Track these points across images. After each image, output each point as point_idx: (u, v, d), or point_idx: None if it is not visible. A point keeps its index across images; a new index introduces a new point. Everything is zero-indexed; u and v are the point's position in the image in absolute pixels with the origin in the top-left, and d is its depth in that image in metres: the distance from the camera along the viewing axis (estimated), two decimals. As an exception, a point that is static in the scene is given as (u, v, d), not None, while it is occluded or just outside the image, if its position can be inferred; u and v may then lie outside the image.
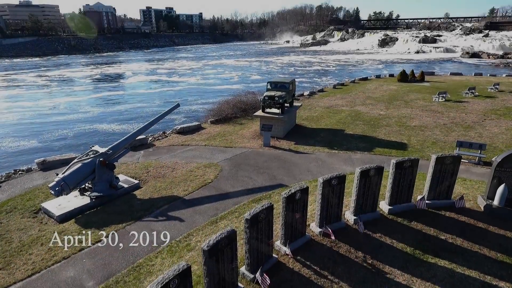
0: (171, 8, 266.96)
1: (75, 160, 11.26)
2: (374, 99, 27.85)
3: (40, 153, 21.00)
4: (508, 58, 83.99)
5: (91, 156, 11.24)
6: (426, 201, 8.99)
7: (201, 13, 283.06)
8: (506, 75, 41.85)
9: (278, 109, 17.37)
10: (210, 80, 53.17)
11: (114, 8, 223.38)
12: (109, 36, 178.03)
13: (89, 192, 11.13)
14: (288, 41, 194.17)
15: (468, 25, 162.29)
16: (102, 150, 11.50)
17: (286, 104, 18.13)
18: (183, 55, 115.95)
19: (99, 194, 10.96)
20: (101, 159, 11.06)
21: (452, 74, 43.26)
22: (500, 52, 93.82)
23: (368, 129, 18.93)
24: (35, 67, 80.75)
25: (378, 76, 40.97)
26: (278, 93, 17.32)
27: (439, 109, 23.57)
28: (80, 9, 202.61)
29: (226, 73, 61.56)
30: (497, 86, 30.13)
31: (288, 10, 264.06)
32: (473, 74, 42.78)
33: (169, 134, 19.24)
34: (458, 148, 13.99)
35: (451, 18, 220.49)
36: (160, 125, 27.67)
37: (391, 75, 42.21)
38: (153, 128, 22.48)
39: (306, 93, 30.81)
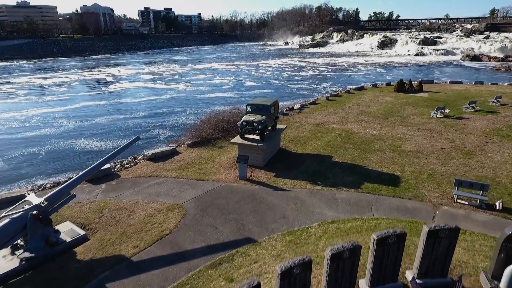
0: (170, 9, 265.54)
1: (3, 214, 9.53)
2: (368, 114, 26.11)
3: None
4: (509, 61, 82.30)
5: (22, 209, 9.52)
6: (417, 281, 7.26)
7: (200, 14, 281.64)
8: (508, 84, 40.14)
9: (258, 135, 15.65)
10: (200, 87, 51.27)
11: (111, 9, 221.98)
12: (106, 37, 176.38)
13: (20, 251, 9.41)
14: (287, 43, 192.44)
15: (469, 26, 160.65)
16: (36, 200, 9.78)
17: (267, 130, 16.45)
18: (178, 57, 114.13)
19: (31, 255, 9.24)
20: (33, 213, 9.34)
21: (451, 82, 41.51)
22: (501, 55, 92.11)
23: (358, 155, 17.19)
24: (16, 71, 78.35)
25: (374, 85, 39.23)
26: (258, 118, 15.61)
27: (437, 127, 21.82)
28: (76, 10, 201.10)
29: (218, 79, 59.60)
30: (499, 99, 28.40)
31: (287, 11, 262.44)
32: (473, 83, 41.02)
33: (140, 161, 17.51)
34: (456, 187, 12.26)
35: (451, 19, 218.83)
36: (142, 141, 26.26)
37: (388, 84, 40.47)
38: (124, 153, 20.78)
39: (297, 106, 29.08)
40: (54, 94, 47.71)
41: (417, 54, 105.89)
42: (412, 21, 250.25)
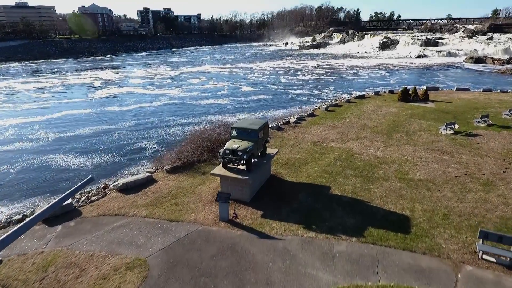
0: (169, 9, 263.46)
1: None
2: (370, 129, 23.84)
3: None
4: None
5: None
6: None
7: (199, 14, 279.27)
8: (518, 91, 37.85)
9: (243, 165, 13.40)
10: (194, 93, 48.91)
11: (110, 10, 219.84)
12: (104, 38, 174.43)
13: None
14: (286, 43, 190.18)
15: (471, 27, 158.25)
16: None
17: (255, 157, 14.20)
18: (175, 59, 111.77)
19: None
20: None
21: (458, 89, 39.20)
22: (506, 57, 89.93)
23: (361, 185, 14.92)
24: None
25: (376, 93, 36.93)
26: (243, 145, 13.35)
27: (448, 147, 19.54)
28: (74, 11, 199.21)
29: (214, 84, 57.19)
30: (513, 112, 26.14)
31: (287, 11, 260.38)
32: (481, 90, 38.67)
33: (110, 191, 15.26)
34: (481, 240, 10.00)
35: (453, 19, 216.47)
36: (125, 158, 23.99)
37: (391, 91, 38.16)
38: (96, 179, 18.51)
39: (293, 118, 26.80)
40: (34, 101, 45.04)
41: (419, 56, 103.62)
42: (413, 21, 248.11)
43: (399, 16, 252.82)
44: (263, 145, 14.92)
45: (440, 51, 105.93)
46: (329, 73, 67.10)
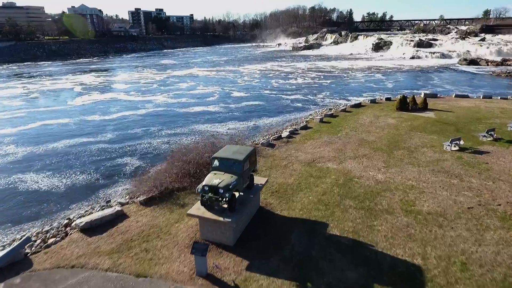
0: (161, 10, 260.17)
1: None
2: (369, 144, 21.97)
3: None
4: (507, 65, 79.77)
5: None
6: None
7: (192, 15, 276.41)
8: (519, 98, 36.42)
9: (226, 203, 11.36)
10: (182, 99, 46.59)
11: (99, 10, 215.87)
12: (94, 39, 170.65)
13: None
14: (280, 44, 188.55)
15: (463, 28, 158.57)
16: None
17: (240, 191, 12.18)
18: (166, 61, 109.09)
19: None
20: None
21: (457, 96, 37.67)
22: (499, 58, 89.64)
23: (362, 221, 12.99)
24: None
25: (373, 101, 35.15)
26: (226, 180, 11.32)
27: (455, 168, 17.74)
28: (63, 12, 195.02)
29: (203, 89, 54.90)
30: (520, 124, 24.53)
31: (280, 11, 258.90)
32: (481, 97, 37.19)
33: (72, 231, 13.07)
34: (516, 310, 8.12)
35: (446, 19, 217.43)
36: (103, 179, 21.71)
37: (388, 99, 36.43)
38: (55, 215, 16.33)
39: (285, 132, 24.81)
40: (6, 110, 41.65)
41: (412, 57, 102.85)
42: (405, 22, 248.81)
43: (391, 16, 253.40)
44: (250, 176, 12.89)
45: (434, 53, 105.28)
46: (324, 77, 65.33)
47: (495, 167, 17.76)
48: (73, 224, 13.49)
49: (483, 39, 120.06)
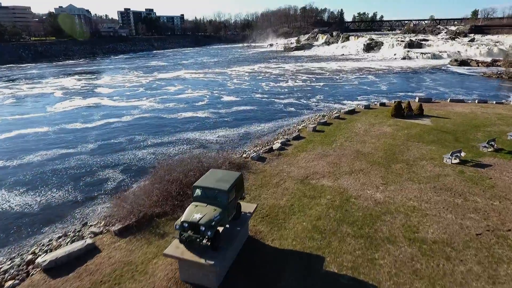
0: (151, 10, 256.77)
1: None
2: (365, 157, 20.73)
3: None
4: (497, 65, 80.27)
5: None
6: None
7: (182, 15, 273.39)
8: (514, 102, 35.78)
9: (208, 241, 9.91)
10: (170, 104, 44.78)
11: (87, 10, 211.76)
12: (82, 40, 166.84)
13: None
14: (271, 44, 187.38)
15: (453, 28, 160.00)
16: None
17: (225, 224, 10.74)
18: (155, 62, 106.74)
19: None
20: None
21: (452, 101, 36.84)
22: (488, 59, 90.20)
23: (362, 252, 11.68)
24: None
25: (367, 107, 34.02)
26: (208, 215, 9.88)
27: (458, 185, 16.59)
28: (50, 12, 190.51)
29: (192, 93, 53.12)
30: (520, 132, 23.63)
31: (272, 11, 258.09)
32: (476, 102, 36.41)
33: (34, 270, 11.44)
34: None
35: (435, 19, 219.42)
36: (82, 200, 19.97)
37: (383, 104, 35.38)
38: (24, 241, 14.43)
39: (277, 144, 23.41)
40: None
41: (404, 58, 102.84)
42: (396, 21, 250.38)
43: (382, 16, 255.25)
44: (236, 206, 11.46)
45: (425, 53, 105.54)
46: (316, 79, 64.17)
47: (499, 183, 16.67)
48: (36, 261, 11.85)
49: (472, 40, 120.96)
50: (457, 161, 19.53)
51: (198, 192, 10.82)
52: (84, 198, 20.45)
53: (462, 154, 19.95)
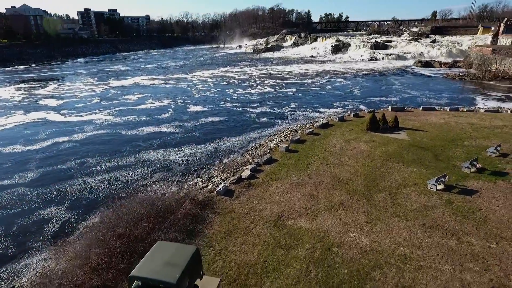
0: (114, 10, 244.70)
1: None
2: (344, 185, 18.65)
3: None
4: (458, 66, 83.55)
5: None
6: None
7: (148, 15, 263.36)
8: (484, 110, 35.62)
9: None
10: (129, 117, 40.72)
11: (44, 11, 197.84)
12: (37, 43, 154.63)
13: None
14: (240, 46, 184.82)
15: (415, 29, 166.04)
16: None
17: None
18: (117, 67, 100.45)
19: None
20: None
21: (424, 109, 36.14)
22: (449, 60, 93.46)
23: (353, 336, 9.35)
24: None
25: (341, 119, 32.29)
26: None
27: (449, 222, 14.84)
28: (2, 13, 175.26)
29: (155, 102, 48.96)
30: (498, 148, 22.65)
31: (240, 12, 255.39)
32: (448, 110, 35.95)
33: None
34: None
35: (398, 20, 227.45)
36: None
37: (356, 115, 33.85)
38: None
39: (246, 172, 20.74)
40: None
41: (370, 59, 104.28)
42: (361, 22, 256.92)
43: (347, 17, 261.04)
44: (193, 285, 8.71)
45: (390, 54, 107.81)
46: (288, 84, 62.23)
47: (491, 217, 15.12)
48: None
49: (433, 41, 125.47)
50: (442, 186, 17.96)
51: (137, 284, 7.93)
52: (17, 248, 17.37)
53: (446, 178, 18.41)
